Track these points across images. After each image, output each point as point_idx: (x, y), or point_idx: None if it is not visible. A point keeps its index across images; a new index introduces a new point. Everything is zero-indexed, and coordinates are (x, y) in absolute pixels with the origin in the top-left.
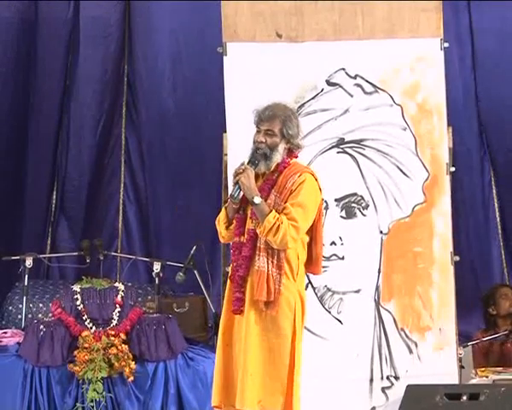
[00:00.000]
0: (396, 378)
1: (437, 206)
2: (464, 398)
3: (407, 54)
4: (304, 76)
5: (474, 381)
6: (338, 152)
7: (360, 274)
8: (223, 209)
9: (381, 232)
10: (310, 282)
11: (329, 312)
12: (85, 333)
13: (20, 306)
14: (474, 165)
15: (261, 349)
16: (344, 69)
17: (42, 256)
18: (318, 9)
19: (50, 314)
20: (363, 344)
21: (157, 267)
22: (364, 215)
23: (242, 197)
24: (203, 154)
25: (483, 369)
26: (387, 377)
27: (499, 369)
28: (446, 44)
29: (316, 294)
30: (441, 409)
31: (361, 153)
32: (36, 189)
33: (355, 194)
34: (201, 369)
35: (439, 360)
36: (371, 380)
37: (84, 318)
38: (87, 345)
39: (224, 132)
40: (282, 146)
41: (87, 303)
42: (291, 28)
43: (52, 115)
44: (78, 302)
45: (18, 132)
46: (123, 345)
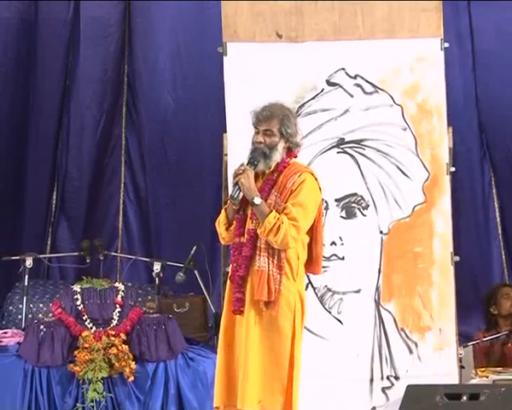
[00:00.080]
0: (396, 378)
1: (437, 206)
2: (464, 398)
3: (407, 54)
4: (304, 76)
5: (474, 381)
6: (338, 152)
7: (360, 274)
8: (222, 211)
9: (381, 232)
10: (310, 282)
11: (329, 312)
12: (85, 333)
13: (21, 306)
14: (475, 165)
15: (261, 349)
16: (344, 69)
17: (42, 256)
18: (318, 9)
19: (50, 314)
20: (363, 344)
21: (157, 267)
22: (364, 215)
23: (242, 198)
24: (203, 154)
25: (483, 369)
26: (388, 377)
27: (499, 369)
28: (446, 44)
29: (316, 294)
30: (441, 409)
31: (361, 153)
32: (36, 189)
33: (355, 194)
34: (201, 369)
35: (439, 361)
36: (371, 380)
37: (85, 318)
38: (87, 345)
39: (224, 132)
40: (282, 145)
41: (87, 303)
42: (291, 28)
43: (52, 115)
44: (78, 302)
45: (18, 132)
46: (123, 345)
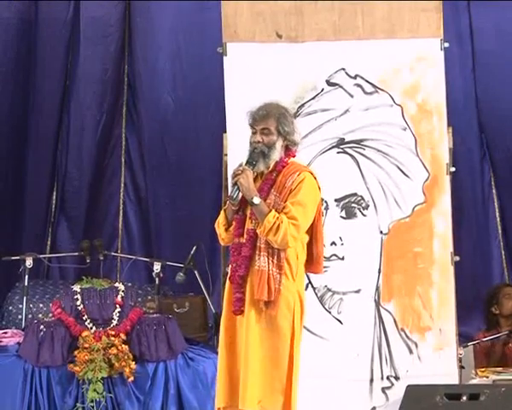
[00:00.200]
0: (396, 378)
1: (437, 206)
2: (464, 398)
3: (407, 54)
4: (304, 76)
5: (474, 381)
6: (338, 152)
7: (360, 274)
8: (222, 211)
9: (381, 232)
10: (310, 282)
11: (329, 312)
12: (85, 333)
13: (20, 306)
14: (475, 165)
15: (261, 349)
16: (344, 69)
17: (42, 256)
18: (318, 9)
19: (50, 314)
20: (363, 344)
21: (157, 268)
22: (364, 215)
23: (241, 198)
24: (203, 154)
25: (483, 369)
26: (387, 377)
27: (499, 369)
28: (446, 44)
29: (316, 294)
30: (441, 409)
31: (361, 153)
32: (36, 189)
33: (355, 194)
34: (201, 369)
35: (439, 361)
36: (371, 380)
37: (84, 318)
38: (87, 345)
39: (224, 132)
40: (280, 143)
41: (87, 303)
42: (291, 28)
43: (52, 115)
44: (78, 302)
45: (18, 132)
46: (123, 345)
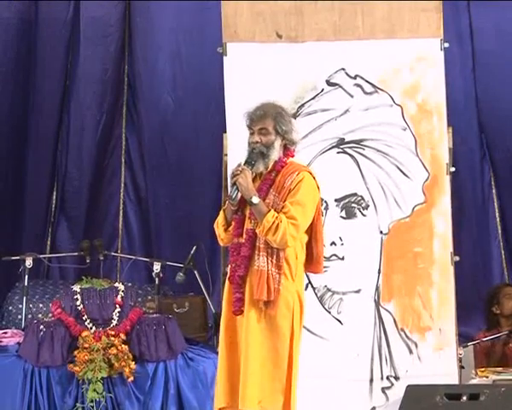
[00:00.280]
0: (396, 379)
1: (437, 206)
2: (464, 398)
3: (407, 54)
4: (304, 76)
5: (474, 381)
6: (338, 152)
7: (360, 274)
8: (221, 212)
9: (381, 232)
10: (310, 282)
11: (329, 312)
12: (85, 333)
13: (20, 306)
14: (475, 165)
15: (261, 349)
16: (344, 69)
17: (42, 256)
18: (318, 9)
19: (50, 314)
20: (363, 344)
21: (157, 267)
22: (364, 215)
23: (240, 198)
24: (203, 154)
25: (483, 369)
26: (387, 377)
27: (499, 369)
28: (446, 44)
29: (316, 294)
30: (441, 409)
31: (361, 153)
32: (36, 189)
33: (355, 194)
34: (201, 369)
35: (439, 361)
36: (371, 380)
37: (84, 318)
38: (87, 345)
39: (224, 132)
40: (278, 143)
41: (87, 303)
42: (291, 28)
43: (52, 115)
44: (78, 302)
45: (18, 132)
46: (123, 345)
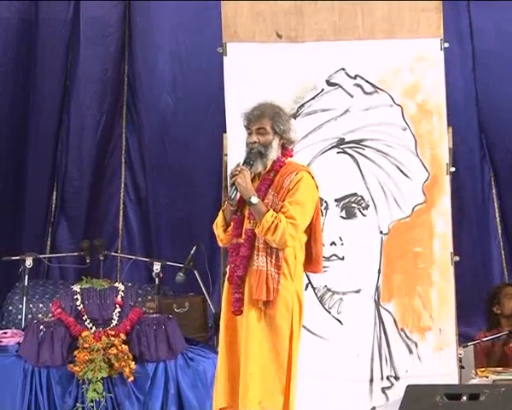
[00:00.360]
0: (396, 378)
1: (437, 206)
2: (464, 398)
3: (407, 54)
4: (304, 76)
5: (474, 381)
6: (338, 152)
7: (360, 274)
8: (220, 213)
9: (381, 232)
10: (310, 282)
11: (329, 312)
12: (85, 333)
13: (20, 306)
14: (475, 165)
15: (261, 349)
16: (344, 69)
17: (42, 256)
18: (318, 9)
19: (50, 314)
20: (363, 344)
21: (157, 267)
22: (364, 215)
23: (239, 198)
24: (203, 154)
25: (483, 369)
26: (387, 377)
27: (499, 369)
28: (446, 44)
29: (316, 294)
30: (441, 409)
31: (361, 153)
32: (36, 189)
33: (355, 194)
34: (201, 369)
35: (439, 361)
36: (371, 380)
37: (84, 318)
38: (87, 345)
39: (224, 132)
40: (276, 142)
41: (87, 303)
42: (291, 28)
43: (52, 115)
44: (78, 302)
45: (18, 132)
46: (123, 345)
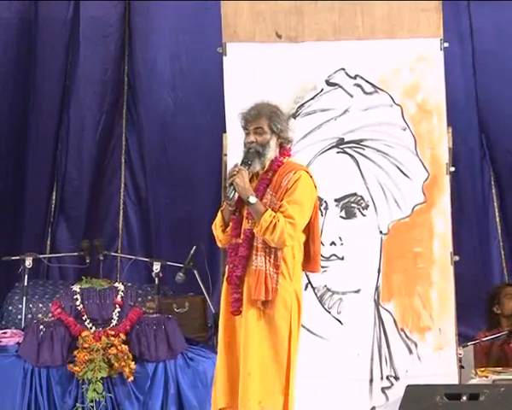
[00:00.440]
0: (396, 378)
1: (437, 206)
2: (464, 398)
3: (407, 54)
4: (304, 76)
5: (474, 381)
6: (338, 152)
7: (360, 274)
8: (219, 213)
9: (381, 232)
10: (309, 282)
11: (329, 312)
12: (85, 333)
13: (20, 306)
14: (475, 165)
15: (260, 349)
16: (344, 69)
17: (42, 256)
18: (318, 9)
19: (50, 314)
20: (363, 344)
21: (157, 267)
22: (364, 215)
23: (238, 198)
24: (203, 154)
25: (483, 369)
26: (387, 377)
27: (499, 369)
28: (446, 44)
29: (315, 294)
30: (441, 409)
31: (361, 153)
32: (36, 189)
33: (355, 194)
34: (201, 369)
35: (439, 361)
36: (371, 380)
37: (84, 318)
38: (87, 345)
39: (224, 132)
40: (274, 141)
41: (87, 303)
42: (291, 28)
43: (52, 115)
44: (77, 302)
45: (18, 132)
46: (123, 345)
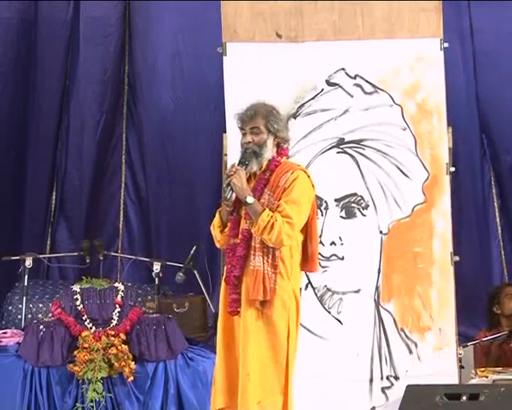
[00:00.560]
0: (396, 378)
1: (437, 206)
2: (464, 398)
3: (407, 54)
4: (304, 76)
5: (474, 381)
6: (338, 152)
7: (360, 274)
8: (217, 214)
9: (381, 232)
10: (310, 282)
11: (329, 312)
12: (85, 333)
13: (20, 306)
14: (475, 165)
15: (259, 349)
16: (344, 69)
17: (42, 256)
18: (318, 9)
19: (50, 314)
20: (363, 344)
21: (157, 267)
22: (364, 215)
23: (235, 199)
24: (203, 154)
25: (483, 369)
26: (387, 377)
27: (499, 369)
28: (446, 44)
29: (315, 294)
30: (441, 409)
31: (361, 153)
32: (36, 189)
33: (355, 194)
34: (201, 369)
35: (439, 361)
36: (371, 380)
37: (84, 318)
38: (87, 345)
39: (224, 132)
40: (271, 141)
41: (87, 303)
42: (291, 28)
43: (52, 115)
44: (77, 302)
45: (18, 132)
46: (123, 345)
